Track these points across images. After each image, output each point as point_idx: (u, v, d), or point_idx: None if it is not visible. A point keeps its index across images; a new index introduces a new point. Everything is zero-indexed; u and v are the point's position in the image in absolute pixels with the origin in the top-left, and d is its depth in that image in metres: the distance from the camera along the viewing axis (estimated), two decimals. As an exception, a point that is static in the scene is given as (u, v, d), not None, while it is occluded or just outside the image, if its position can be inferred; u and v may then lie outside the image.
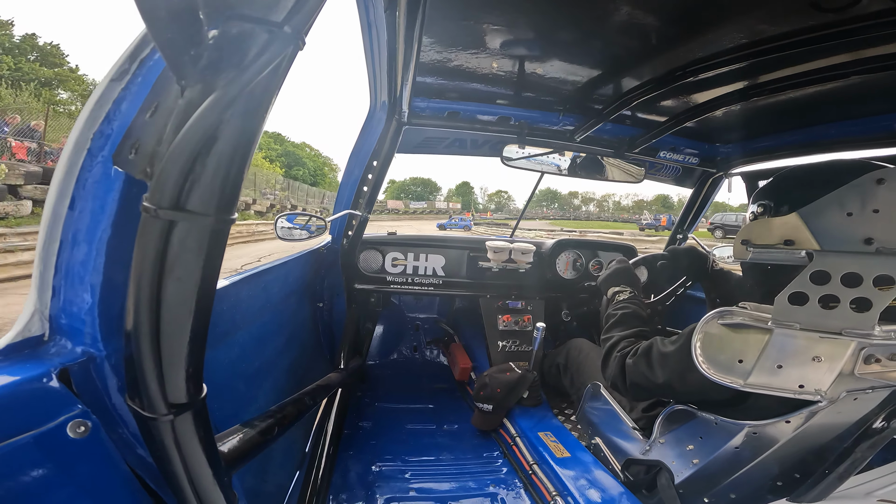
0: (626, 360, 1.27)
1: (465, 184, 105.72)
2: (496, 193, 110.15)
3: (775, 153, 2.01)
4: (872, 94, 1.41)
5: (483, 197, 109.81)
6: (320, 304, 2.38)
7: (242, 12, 0.40)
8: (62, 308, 0.59)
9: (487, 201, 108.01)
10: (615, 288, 1.61)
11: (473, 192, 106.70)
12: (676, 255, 1.94)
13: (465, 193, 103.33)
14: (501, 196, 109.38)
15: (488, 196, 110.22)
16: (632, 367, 1.24)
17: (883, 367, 0.91)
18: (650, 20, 1.13)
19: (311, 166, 57.19)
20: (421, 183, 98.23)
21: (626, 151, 2.12)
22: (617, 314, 1.47)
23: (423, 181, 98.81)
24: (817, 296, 0.86)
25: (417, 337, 3.11)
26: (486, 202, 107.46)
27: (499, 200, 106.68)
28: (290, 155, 55.05)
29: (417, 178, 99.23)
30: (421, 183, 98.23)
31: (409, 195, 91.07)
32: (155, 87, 0.53)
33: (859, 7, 0.94)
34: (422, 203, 76.93)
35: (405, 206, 69.04)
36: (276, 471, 1.48)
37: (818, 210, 0.88)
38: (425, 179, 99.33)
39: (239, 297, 1.23)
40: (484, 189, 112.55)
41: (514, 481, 1.73)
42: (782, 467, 1.14)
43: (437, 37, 1.29)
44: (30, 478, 0.52)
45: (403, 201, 75.62)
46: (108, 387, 0.61)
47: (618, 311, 1.48)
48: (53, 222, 0.58)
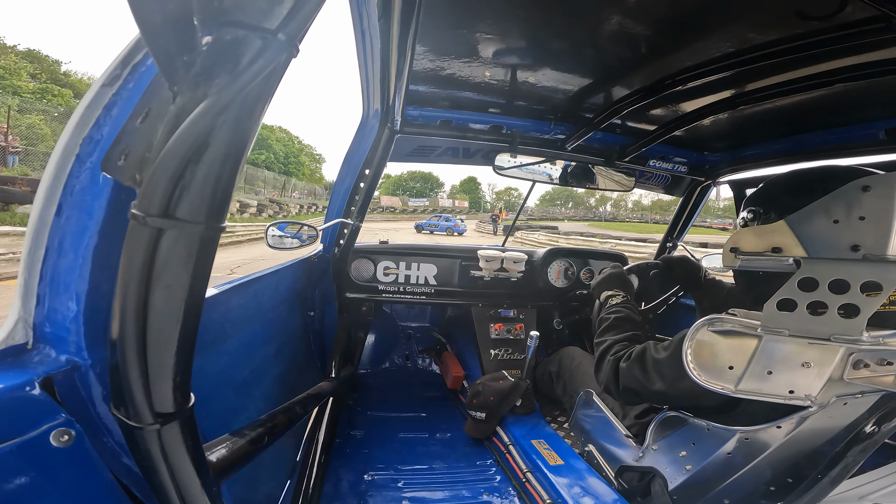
0: (619, 363, 1.27)
1: (472, 179, 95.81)
2: (505, 191, 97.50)
3: (762, 161, 2.04)
4: (857, 101, 1.44)
5: (491, 195, 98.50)
6: (311, 313, 2.36)
7: (237, 19, 0.40)
8: (46, 316, 0.58)
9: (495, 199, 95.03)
10: (608, 292, 1.62)
11: (481, 188, 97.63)
12: (670, 264, 1.96)
13: (472, 190, 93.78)
14: (511, 195, 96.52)
15: (496, 194, 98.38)
16: (625, 372, 1.24)
17: (872, 372, 0.92)
18: (640, 30, 1.15)
19: (282, 151, 48.41)
20: (420, 178, 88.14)
21: (617, 160, 2.14)
22: (610, 318, 1.47)
23: (423, 176, 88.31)
24: (805, 302, 0.87)
25: (409, 345, 3.09)
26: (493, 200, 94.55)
27: (508, 199, 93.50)
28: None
29: (416, 173, 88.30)
30: (420, 178, 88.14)
31: (408, 191, 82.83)
32: (146, 93, 0.52)
33: (843, 15, 0.96)
34: (422, 200, 70.40)
35: (403, 204, 64.15)
36: (266, 480, 1.45)
37: (805, 217, 0.90)
38: (425, 174, 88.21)
39: (229, 306, 1.21)
40: (492, 186, 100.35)
41: (507, 489, 1.72)
42: (775, 472, 1.15)
43: (431, 45, 1.30)
44: (13, 486, 0.51)
45: (401, 198, 69.25)
46: (93, 396, 0.60)
47: (611, 315, 1.48)
48: (39, 229, 0.57)
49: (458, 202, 76.87)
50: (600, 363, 1.36)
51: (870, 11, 0.93)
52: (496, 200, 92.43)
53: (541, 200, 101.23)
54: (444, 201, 75.07)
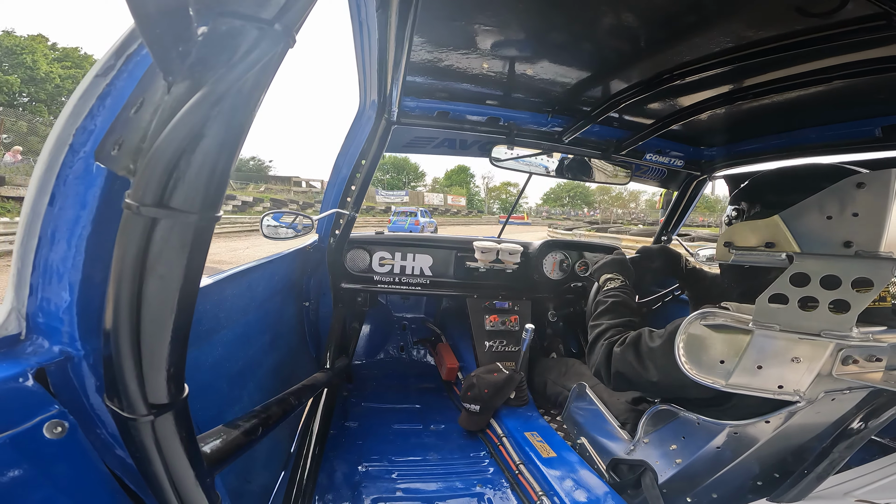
0: (613, 348, 1.26)
1: (462, 169, 73.74)
2: (503, 187, 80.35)
3: (758, 156, 2.05)
4: (855, 98, 1.44)
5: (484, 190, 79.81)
6: (306, 304, 2.36)
7: (233, 9, 0.40)
8: (39, 306, 0.58)
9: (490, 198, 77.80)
10: (608, 275, 1.61)
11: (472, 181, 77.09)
12: (649, 254, 1.93)
13: (461, 182, 73.78)
14: (508, 191, 78.93)
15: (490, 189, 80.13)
16: (619, 356, 1.23)
17: (860, 368, 0.93)
18: (638, 24, 1.14)
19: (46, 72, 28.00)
20: (392, 167, 66.84)
21: (613, 153, 2.14)
22: (607, 301, 1.47)
23: (396, 164, 66.63)
24: (797, 297, 0.88)
25: (404, 336, 3.10)
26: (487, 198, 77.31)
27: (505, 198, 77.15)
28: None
29: (385, 160, 64.07)
30: (392, 167, 66.84)
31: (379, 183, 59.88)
32: (141, 83, 0.52)
33: (844, 12, 0.96)
34: (398, 194, 52.84)
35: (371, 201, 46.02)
36: (260, 471, 1.46)
37: (798, 213, 0.90)
38: (398, 161, 66.18)
39: (223, 296, 1.21)
40: (487, 179, 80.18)
41: (500, 481, 1.74)
42: (762, 467, 1.16)
43: (428, 37, 1.29)
44: (6, 478, 0.51)
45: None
46: (86, 387, 0.60)
47: (608, 299, 1.47)
48: (32, 219, 0.56)
49: (453, 198, 61.83)
50: (594, 346, 1.36)
51: (870, 8, 0.93)
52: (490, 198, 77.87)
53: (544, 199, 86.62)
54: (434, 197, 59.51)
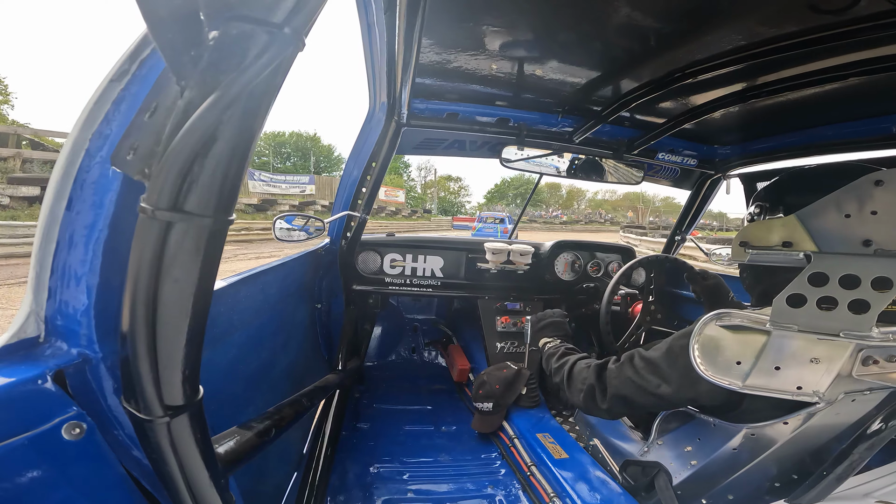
0: (608, 365, 1.22)
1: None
2: (441, 182, 59.30)
3: (773, 155, 2.02)
4: (871, 95, 1.41)
5: (420, 184, 58.02)
6: (318, 306, 2.37)
7: (243, 13, 0.40)
8: (58, 309, 0.59)
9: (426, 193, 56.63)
10: (546, 339, 1.63)
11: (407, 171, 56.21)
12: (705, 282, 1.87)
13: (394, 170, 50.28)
14: (449, 188, 60.41)
15: (427, 183, 57.72)
16: (614, 373, 1.19)
17: (881, 369, 0.91)
18: (649, 22, 1.13)
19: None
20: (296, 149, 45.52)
21: (625, 153, 2.12)
22: (559, 350, 1.48)
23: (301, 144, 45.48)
24: (815, 297, 0.86)
25: (416, 338, 3.10)
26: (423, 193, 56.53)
27: (445, 195, 58.31)
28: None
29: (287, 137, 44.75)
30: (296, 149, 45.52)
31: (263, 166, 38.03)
32: (154, 88, 0.53)
33: (858, 9, 0.94)
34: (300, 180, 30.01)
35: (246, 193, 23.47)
36: (273, 472, 1.47)
37: (816, 212, 0.88)
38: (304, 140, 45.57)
39: (237, 298, 1.22)
40: (424, 171, 57.54)
41: (512, 483, 1.73)
42: (780, 469, 1.14)
43: (437, 38, 1.29)
44: (25, 480, 0.52)
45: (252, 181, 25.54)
46: (104, 388, 0.60)
47: (558, 351, 1.49)
48: (50, 223, 0.57)
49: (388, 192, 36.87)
50: (571, 380, 1.31)
51: (884, 5, 0.91)
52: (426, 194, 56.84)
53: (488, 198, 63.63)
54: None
